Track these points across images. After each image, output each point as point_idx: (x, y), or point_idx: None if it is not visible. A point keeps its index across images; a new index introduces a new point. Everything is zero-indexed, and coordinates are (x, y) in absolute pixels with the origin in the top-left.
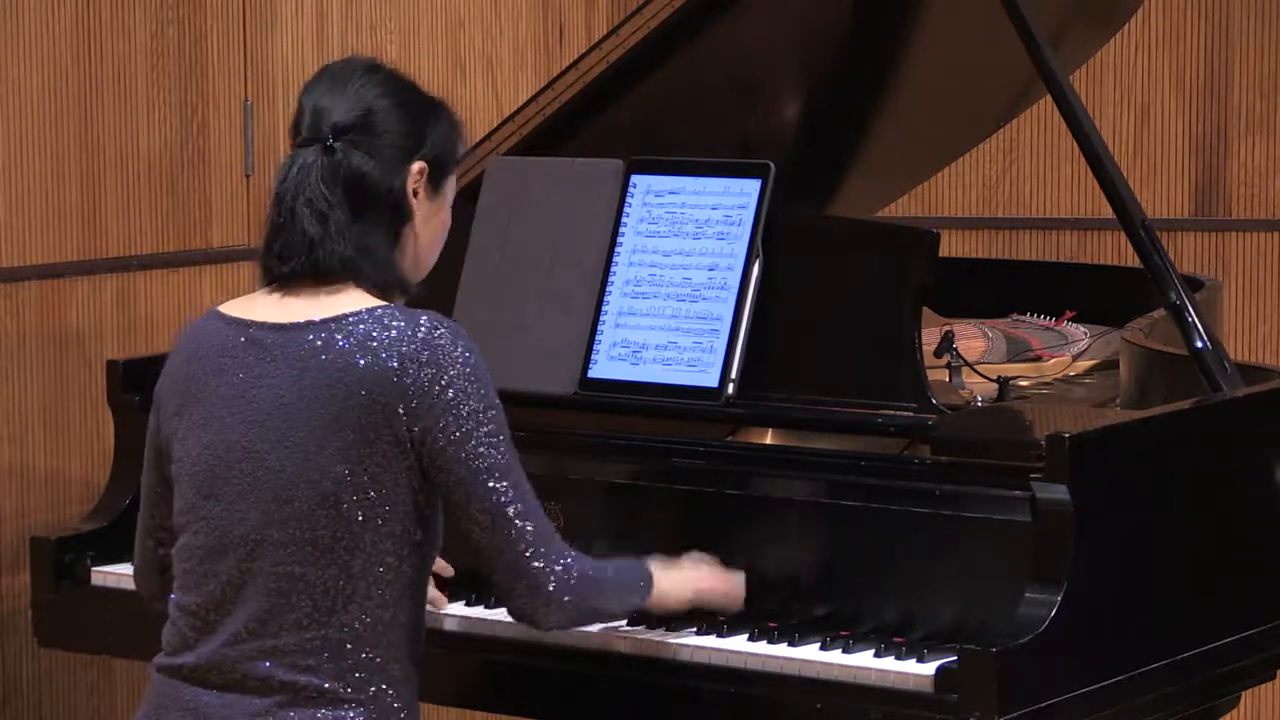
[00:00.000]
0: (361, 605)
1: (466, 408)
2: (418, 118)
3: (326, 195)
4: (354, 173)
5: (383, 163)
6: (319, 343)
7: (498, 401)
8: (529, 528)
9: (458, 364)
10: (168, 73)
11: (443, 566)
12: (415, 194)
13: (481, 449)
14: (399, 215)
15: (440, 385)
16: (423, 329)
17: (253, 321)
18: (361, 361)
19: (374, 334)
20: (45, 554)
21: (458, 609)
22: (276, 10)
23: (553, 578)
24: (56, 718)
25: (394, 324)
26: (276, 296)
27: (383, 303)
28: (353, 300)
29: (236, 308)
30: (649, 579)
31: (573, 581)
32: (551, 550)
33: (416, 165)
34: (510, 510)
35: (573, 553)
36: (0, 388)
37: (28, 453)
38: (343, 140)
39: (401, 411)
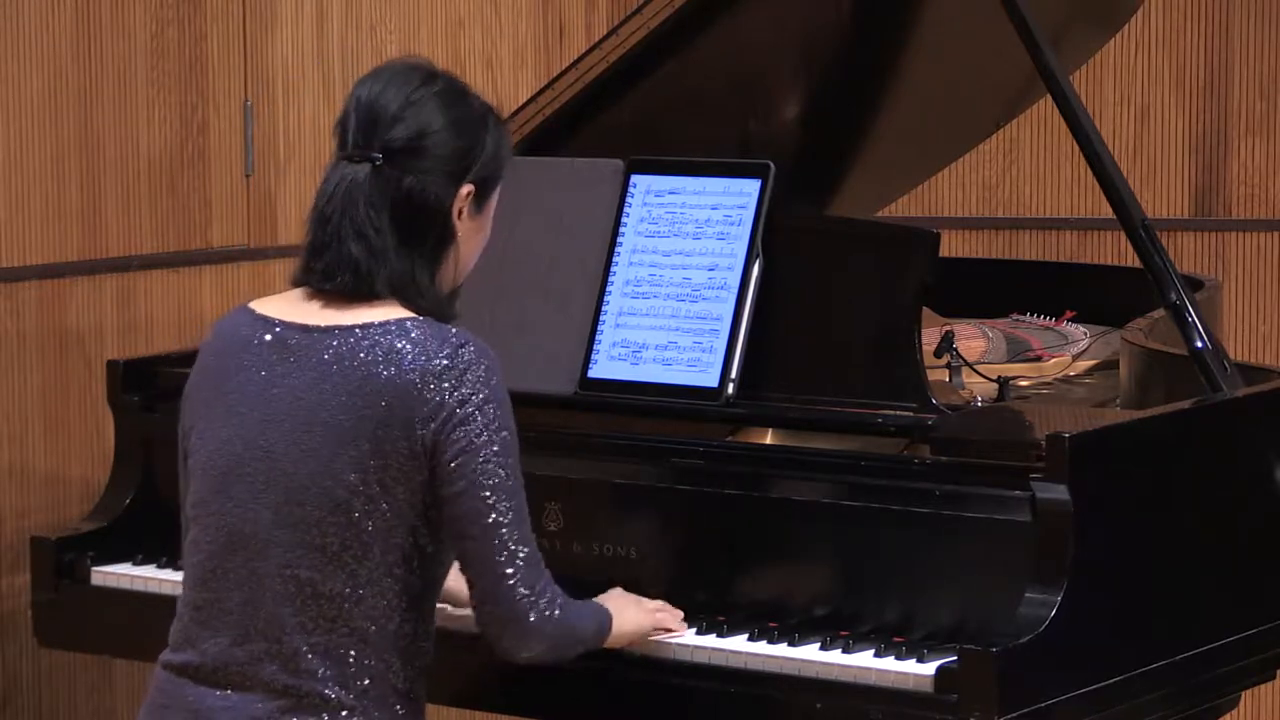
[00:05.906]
0: (368, 613)
1: (480, 424)
2: (470, 139)
3: (373, 220)
4: (403, 197)
5: (432, 188)
6: (343, 349)
7: (513, 425)
8: (520, 555)
9: (479, 382)
10: (168, 73)
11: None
12: (460, 214)
13: (490, 466)
14: (444, 238)
15: (458, 400)
16: (449, 345)
17: (280, 320)
18: (384, 373)
19: (399, 346)
20: (45, 554)
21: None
22: (276, 10)
23: (533, 611)
24: (56, 718)
25: (421, 338)
26: (311, 300)
27: (413, 315)
28: (384, 310)
29: (268, 305)
30: (608, 621)
31: (553, 619)
32: (538, 583)
33: (465, 189)
34: (505, 533)
35: (557, 589)
36: (0, 388)
37: (28, 453)
38: (393, 161)
39: (418, 425)
